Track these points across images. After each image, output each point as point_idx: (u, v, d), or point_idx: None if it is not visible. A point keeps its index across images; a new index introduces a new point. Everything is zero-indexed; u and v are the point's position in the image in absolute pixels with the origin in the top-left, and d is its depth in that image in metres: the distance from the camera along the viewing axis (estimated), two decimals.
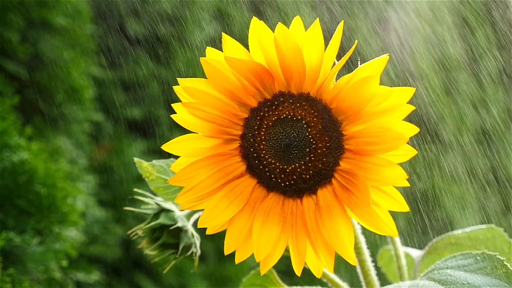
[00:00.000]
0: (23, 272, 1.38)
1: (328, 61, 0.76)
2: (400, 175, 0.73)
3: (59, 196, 1.48)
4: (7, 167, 1.42)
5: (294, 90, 0.79)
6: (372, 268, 1.00)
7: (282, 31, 0.74)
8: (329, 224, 0.77)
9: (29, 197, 1.44)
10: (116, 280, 2.14)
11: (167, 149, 0.81)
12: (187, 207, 0.81)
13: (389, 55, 0.75)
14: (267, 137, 0.80)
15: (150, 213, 1.00)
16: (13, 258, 1.38)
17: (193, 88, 0.79)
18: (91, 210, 1.90)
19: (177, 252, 0.98)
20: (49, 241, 1.45)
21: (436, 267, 0.88)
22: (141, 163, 0.99)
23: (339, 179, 0.78)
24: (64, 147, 1.83)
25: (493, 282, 0.79)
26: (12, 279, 1.27)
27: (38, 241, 1.44)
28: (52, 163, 1.54)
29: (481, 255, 0.84)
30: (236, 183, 0.81)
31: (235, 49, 0.77)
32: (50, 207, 1.47)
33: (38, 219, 1.46)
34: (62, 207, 1.48)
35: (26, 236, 1.40)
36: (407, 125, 0.75)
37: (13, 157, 1.43)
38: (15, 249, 1.39)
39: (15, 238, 1.37)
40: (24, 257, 1.39)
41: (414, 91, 0.74)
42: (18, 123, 1.53)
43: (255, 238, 0.78)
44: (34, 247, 1.42)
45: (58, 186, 1.48)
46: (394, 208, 0.76)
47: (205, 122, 0.80)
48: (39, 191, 1.45)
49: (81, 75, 1.89)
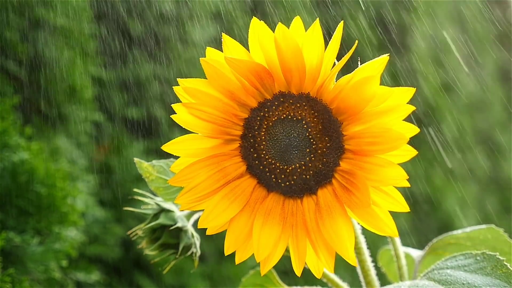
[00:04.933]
0: (23, 272, 1.38)
1: (328, 61, 0.76)
2: (401, 175, 0.73)
3: (59, 196, 1.48)
4: (7, 167, 1.42)
5: (294, 90, 0.79)
6: (372, 268, 1.00)
7: (282, 31, 0.74)
8: (329, 224, 0.77)
9: (29, 197, 1.44)
10: (116, 280, 2.14)
11: (167, 149, 0.80)
12: (187, 208, 0.81)
13: (389, 55, 0.75)
14: (267, 137, 0.80)
15: (150, 213, 1.00)
16: (13, 258, 1.38)
17: (193, 89, 0.79)
18: (91, 210, 1.90)
19: (177, 252, 0.98)
20: (49, 241, 1.46)
21: (436, 267, 0.88)
22: (141, 163, 0.99)
23: (339, 179, 0.78)
24: (64, 147, 1.83)
25: (493, 282, 0.79)
26: (12, 279, 1.27)
27: (38, 241, 1.44)
28: (52, 163, 1.54)
29: (481, 255, 0.84)
30: (236, 184, 0.81)
31: (235, 49, 0.77)
32: (50, 207, 1.47)
33: (38, 219, 1.46)
34: (62, 207, 1.48)
35: (26, 236, 1.40)
36: (407, 125, 0.75)
37: (13, 157, 1.43)
38: (15, 249, 1.39)
39: (15, 238, 1.37)
40: (24, 257, 1.39)
41: (414, 91, 0.74)
42: (18, 123, 1.53)
43: (255, 238, 0.78)
44: (34, 247, 1.42)
45: (58, 186, 1.48)
46: (394, 208, 0.76)
47: (205, 123, 0.80)
48: (39, 191, 1.45)
49: (81, 75, 1.89)
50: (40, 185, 1.47)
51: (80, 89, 1.86)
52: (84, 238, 1.73)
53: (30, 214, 1.46)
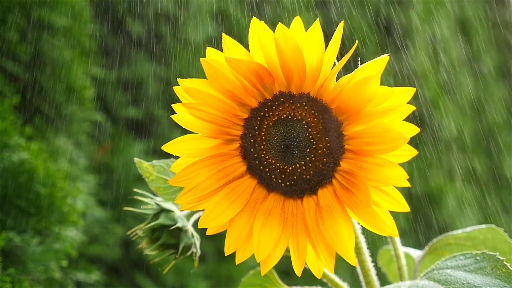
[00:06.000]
0: (23, 272, 1.38)
1: (329, 61, 0.76)
2: (401, 175, 0.73)
3: (59, 196, 1.48)
4: (7, 167, 1.42)
5: (295, 90, 0.79)
6: (372, 268, 1.00)
7: (283, 31, 0.74)
8: (330, 224, 0.77)
9: (29, 197, 1.44)
10: (116, 280, 2.14)
11: (167, 149, 0.80)
12: (187, 208, 0.81)
13: (389, 55, 0.75)
14: (267, 137, 0.80)
15: (150, 213, 1.00)
16: (13, 258, 1.38)
17: (193, 89, 0.79)
18: (91, 210, 1.90)
19: (177, 252, 0.98)
20: (49, 241, 1.45)
21: (436, 267, 0.88)
22: (141, 163, 0.99)
23: (339, 179, 0.78)
24: (64, 147, 1.83)
25: (493, 282, 0.79)
26: (12, 279, 1.27)
27: (38, 241, 1.44)
28: (52, 163, 1.54)
29: (481, 255, 0.84)
30: (236, 184, 0.81)
31: (235, 49, 0.77)
32: (50, 207, 1.46)
33: (38, 219, 1.46)
34: (62, 207, 1.48)
35: (26, 236, 1.40)
36: (407, 125, 0.75)
37: (13, 157, 1.43)
38: (15, 249, 1.39)
39: (15, 238, 1.37)
40: (24, 257, 1.39)
41: (414, 91, 0.74)
42: (18, 123, 1.53)
43: (255, 238, 0.78)
44: (34, 247, 1.42)
45: (58, 186, 1.48)
46: (394, 209, 0.76)
47: (205, 123, 0.80)
48: (39, 191, 1.45)
49: (81, 75, 1.89)
50: (40, 185, 1.46)
51: (80, 89, 1.86)
52: (84, 238, 1.73)
53: (30, 214, 1.46)
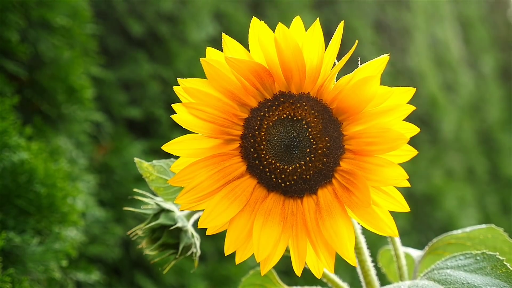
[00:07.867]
0: (23, 272, 1.38)
1: (329, 61, 0.76)
2: (401, 175, 0.73)
3: (59, 196, 1.48)
4: (7, 167, 1.42)
5: (295, 90, 0.79)
6: (372, 268, 1.00)
7: (283, 31, 0.74)
8: (330, 224, 0.77)
9: (29, 197, 1.44)
10: (116, 280, 2.14)
11: (167, 149, 0.81)
12: (187, 208, 0.81)
13: (389, 55, 0.75)
14: (267, 137, 0.80)
15: (150, 213, 1.00)
16: (13, 258, 1.38)
17: (193, 89, 0.79)
18: (91, 210, 1.89)
19: (177, 252, 0.98)
20: (49, 241, 1.45)
21: (436, 267, 0.88)
22: (141, 163, 0.99)
23: (339, 179, 0.78)
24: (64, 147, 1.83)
25: (493, 282, 0.79)
26: (12, 279, 1.27)
27: (38, 241, 1.44)
28: (52, 163, 1.54)
29: (481, 255, 0.84)
30: (236, 184, 0.81)
31: (235, 49, 0.77)
32: (50, 207, 1.46)
33: (38, 219, 1.45)
34: (62, 207, 1.48)
35: (26, 236, 1.40)
36: (407, 125, 0.75)
37: (13, 157, 1.43)
38: (15, 249, 1.38)
39: (15, 238, 1.37)
40: (24, 257, 1.39)
41: (414, 91, 0.74)
42: (18, 123, 1.53)
43: (255, 238, 0.78)
44: (34, 247, 1.41)
45: (58, 186, 1.48)
46: (394, 208, 0.76)
47: (205, 123, 0.80)
48: (39, 191, 1.45)
49: (81, 75, 1.89)
50: (40, 185, 1.46)
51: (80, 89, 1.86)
52: (84, 238, 1.73)
53: (30, 214, 1.45)
